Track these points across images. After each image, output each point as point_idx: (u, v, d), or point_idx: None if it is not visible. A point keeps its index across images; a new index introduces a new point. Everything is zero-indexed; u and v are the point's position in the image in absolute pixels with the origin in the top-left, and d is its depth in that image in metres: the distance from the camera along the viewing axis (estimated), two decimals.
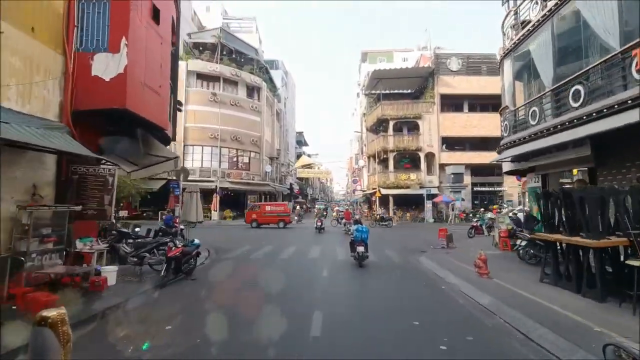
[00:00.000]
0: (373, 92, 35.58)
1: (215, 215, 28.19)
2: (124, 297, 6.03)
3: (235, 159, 32.65)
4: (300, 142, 69.40)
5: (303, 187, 67.13)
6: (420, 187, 30.09)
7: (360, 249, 9.60)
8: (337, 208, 50.46)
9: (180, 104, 29.81)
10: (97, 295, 6.02)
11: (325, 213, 34.39)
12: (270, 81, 39.56)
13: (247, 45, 35.74)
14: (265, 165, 35.63)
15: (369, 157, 35.72)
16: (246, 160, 33.62)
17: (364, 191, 35.94)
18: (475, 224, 17.30)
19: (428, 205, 28.95)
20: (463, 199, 28.92)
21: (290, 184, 49.58)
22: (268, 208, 23.89)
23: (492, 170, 32.43)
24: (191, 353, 4.11)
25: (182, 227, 16.05)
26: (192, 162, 30.39)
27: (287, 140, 52.11)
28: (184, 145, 30.10)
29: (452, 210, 26.86)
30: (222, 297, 6.29)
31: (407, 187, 30.30)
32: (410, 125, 32.10)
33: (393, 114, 31.20)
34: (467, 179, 30.18)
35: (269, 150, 38.10)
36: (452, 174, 28.37)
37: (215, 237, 17.36)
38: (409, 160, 33.36)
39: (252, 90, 35.14)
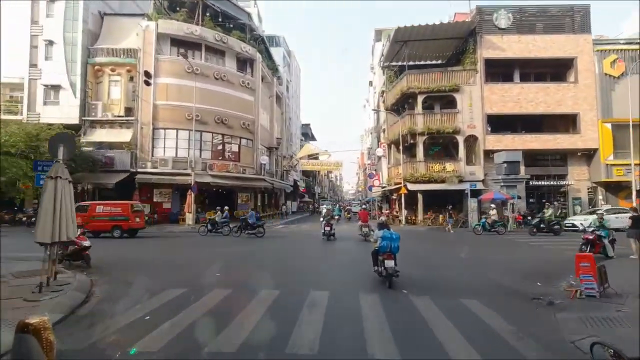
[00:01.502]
0: (394, 63, 28.49)
1: (190, 218, 21.43)
2: None
3: (220, 147, 25.94)
4: (307, 135, 62.55)
5: (310, 184, 60.26)
6: (460, 181, 22.91)
7: (390, 264, 6.83)
8: (348, 207, 43.13)
9: (148, 75, 23.22)
10: None
11: (340, 214, 27.65)
12: (267, 53, 32.76)
13: (237, 7, 29.00)
14: (261, 155, 28.86)
15: (389, 145, 28.59)
16: (235, 148, 26.88)
17: (383, 187, 28.86)
18: (590, 237, 10.12)
19: (472, 204, 21.73)
20: (519, 197, 21.63)
21: (294, 181, 42.80)
22: (99, 209, 16.12)
23: (549, 159, 25.15)
24: None
25: (86, 243, 9.57)
26: (163, 150, 23.78)
27: (291, 130, 45.31)
28: (153, 129, 23.49)
29: (513, 212, 19.54)
30: None
31: (442, 181, 23.14)
32: (444, 101, 24.91)
33: (422, 86, 24.03)
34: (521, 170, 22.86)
35: (266, 138, 31.33)
36: (506, 162, 21.13)
37: (157, 258, 10.69)
38: (440, 148, 26.25)
39: (243, 63, 28.39)
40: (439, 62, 28.01)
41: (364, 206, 23.38)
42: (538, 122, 24.86)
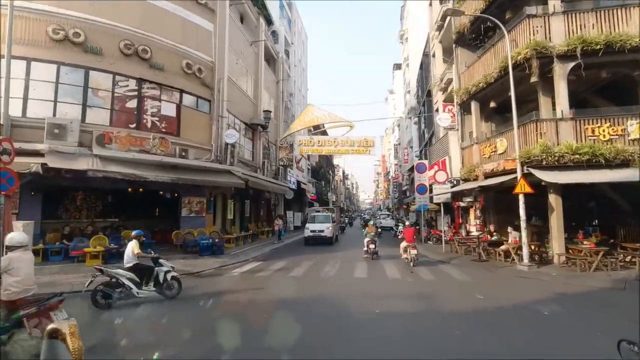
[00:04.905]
0: None
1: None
2: None
3: (133, 104, 13.16)
4: (317, 127, 49.46)
5: (322, 190, 46.97)
6: None
7: None
8: (371, 218, 30.99)
9: None
10: None
11: (378, 231, 15.05)
12: None
13: None
14: (226, 129, 15.95)
15: (464, 105, 15.11)
16: (169, 110, 14.02)
17: (454, 185, 15.17)
18: None
19: None
20: None
21: (298, 182, 29.72)
22: None
23: None
24: None
25: None
26: None
27: (293, 112, 32.47)
28: None
29: None
30: None
31: (622, 165, 9.68)
32: None
33: None
34: None
35: (243, 106, 18.54)
36: None
37: None
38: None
39: None
40: None
41: (406, 223, 10.58)
42: None
